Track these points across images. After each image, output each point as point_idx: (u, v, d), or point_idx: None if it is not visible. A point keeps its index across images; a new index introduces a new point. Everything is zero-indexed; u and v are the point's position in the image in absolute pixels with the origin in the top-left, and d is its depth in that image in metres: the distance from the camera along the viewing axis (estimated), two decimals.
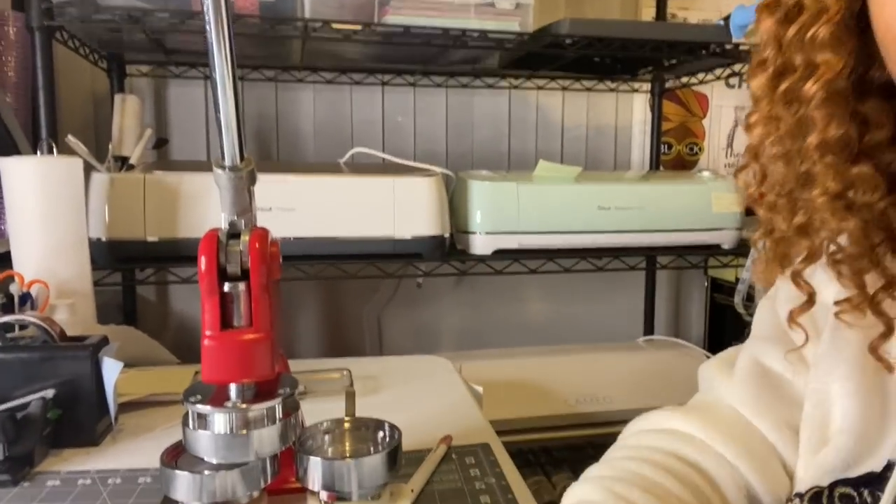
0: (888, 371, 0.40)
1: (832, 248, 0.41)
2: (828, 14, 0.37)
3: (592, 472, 0.45)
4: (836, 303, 0.41)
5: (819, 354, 0.44)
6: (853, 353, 0.42)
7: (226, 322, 0.43)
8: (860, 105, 0.38)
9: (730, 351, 0.54)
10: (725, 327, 1.58)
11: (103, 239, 0.94)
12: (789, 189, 0.41)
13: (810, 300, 0.43)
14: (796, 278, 0.43)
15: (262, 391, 0.45)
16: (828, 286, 0.43)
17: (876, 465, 0.39)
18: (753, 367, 0.48)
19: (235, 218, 0.44)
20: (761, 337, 0.50)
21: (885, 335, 0.39)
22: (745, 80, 0.43)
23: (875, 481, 0.38)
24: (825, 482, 0.38)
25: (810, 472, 0.40)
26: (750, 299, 1.21)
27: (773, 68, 0.40)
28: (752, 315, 1.25)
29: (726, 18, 1.11)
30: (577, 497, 0.42)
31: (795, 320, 0.44)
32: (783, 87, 0.39)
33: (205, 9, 0.38)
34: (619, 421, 0.60)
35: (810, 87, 0.38)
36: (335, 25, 0.98)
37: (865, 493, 0.38)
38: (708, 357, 1.30)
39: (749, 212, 1.61)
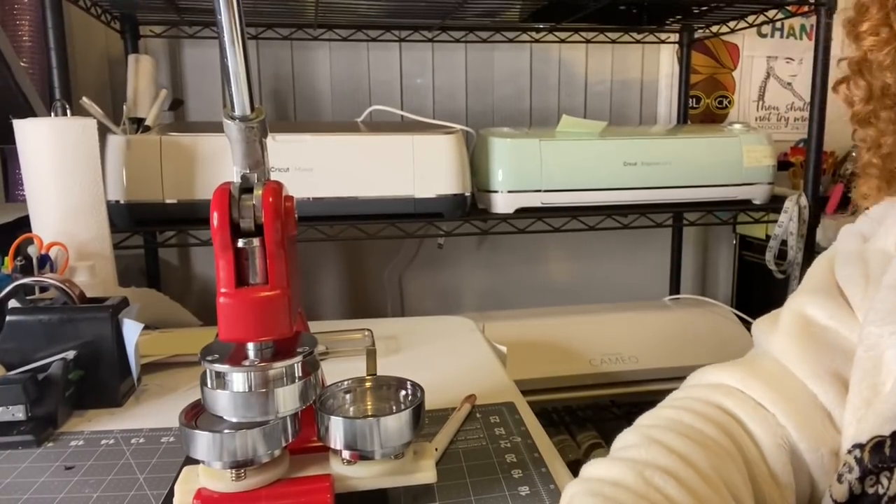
0: None
1: None
2: None
3: (639, 420, 0.46)
4: None
5: (874, 301, 0.42)
6: None
7: (241, 279, 0.42)
8: None
9: (781, 308, 0.52)
10: (754, 286, 1.54)
11: (122, 201, 0.93)
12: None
13: None
14: None
15: (280, 350, 0.44)
16: (889, 232, 0.41)
17: None
18: (796, 318, 0.47)
19: (248, 172, 0.42)
20: (809, 289, 0.49)
21: None
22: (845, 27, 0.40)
23: None
24: (886, 431, 0.36)
25: (869, 422, 0.38)
26: (782, 256, 1.17)
27: None
28: (783, 272, 1.22)
29: None
30: (620, 442, 0.42)
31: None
32: None
33: None
34: (644, 380, 0.58)
35: None
36: None
37: None
38: (737, 315, 1.28)
39: (781, 166, 1.56)
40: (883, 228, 0.43)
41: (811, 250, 1.13)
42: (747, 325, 1.27)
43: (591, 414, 1.27)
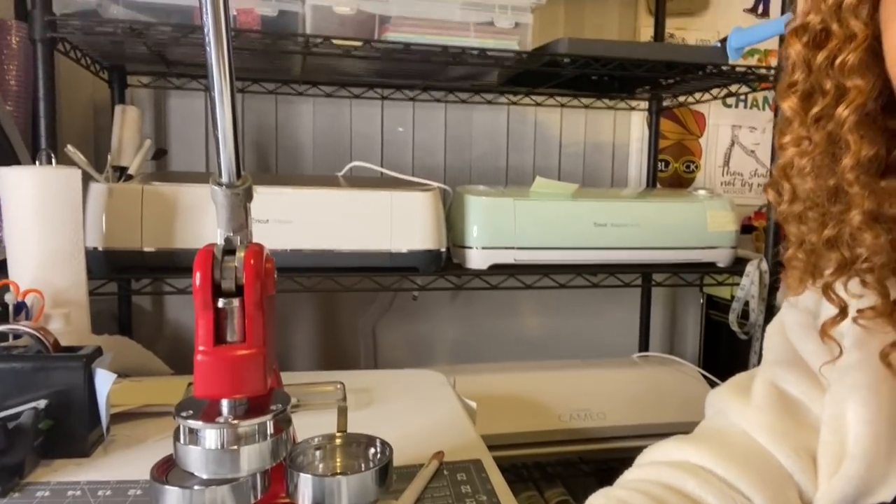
0: None
1: (860, 258, 0.42)
2: (856, 41, 0.38)
3: (591, 500, 0.45)
4: (859, 311, 0.42)
5: (835, 378, 0.44)
6: (870, 379, 0.42)
7: (219, 337, 0.43)
8: (890, 122, 0.39)
9: (740, 377, 0.53)
10: (721, 345, 1.58)
11: (100, 248, 0.94)
12: (819, 203, 0.42)
13: (843, 312, 0.43)
14: (827, 291, 0.43)
15: (254, 406, 0.45)
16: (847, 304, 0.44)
17: (887, 496, 0.39)
18: (771, 392, 0.47)
19: (231, 234, 0.45)
20: (775, 362, 0.50)
21: None
22: (777, 98, 0.44)
23: None
24: None
25: (825, 501, 0.40)
26: (745, 318, 1.21)
27: (802, 91, 0.41)
28: (746, 334, 1.26)
29: (723, 40, 1.13)
30: None
31: (828, 333, 0.44)
32: (814, 110, 0.41)
33: (205, 30, 0.39)
34: (612, 437, 0.60)
35: (842, 111, 0.39)
36: (336, 41, 0.99)
37: None
38: (703, 374, 1.31)
39: (745, 230, 1.62)
40: (825, 308, 0.46)
41: (772, 313, 1.17)
42: (713, 385, 1.30)
43: (560, 470, 1.28)
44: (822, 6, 0.39)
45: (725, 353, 1.55)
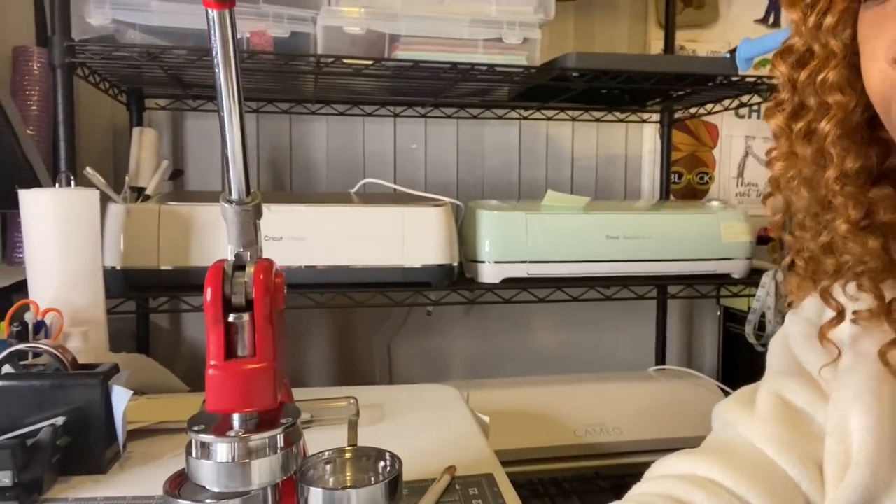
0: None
1: (855, 262, 0.43)
2: (835, 59, 0.40)
3: None
4: (855, 313, 0.43)
5: (836, 386, 0.44)
6: (872, 384, 0.42)
7: (230, 352, 0.44)
8: (880, 131, 0.41)
9: (745, 389, 0.53)
10: (739, 357, 1.56)
11: (118, 267, 0.96)
12: (814, 212, 0.44)
13: (840, 316, 0.44)
14: (825, 295, 0.45)
15: (265, 420, 0.45)
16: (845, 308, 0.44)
17: (893, 503, 0.39)
18: (776, 403, 0.47)
19: (241, 250, 0.45)
20: (779, 372, 0.50)
21: None
22: (764, 118, 0.46)
23: None
24: None
25: None
26: (762, 329, 1.20)
27: (789, 109, 0.43)
28: (763, 345, 1.24)
29: (732, 51, 1.13)
30: None
31: (827, 336, 0.45)
32: (799, 125, 0.43)
33: (213, 51, 0.40)
34: (628, 452, 0.60)
35: (825, 126, 0.41)
36: (347, 61, 1.01)
37: None
38: (721, 388, 1.29)
39: (761, 241, 1.61)
40: (826, 314, 0.46)
41: None
42: None
43: (577, 486, 1.26)
44: (803, 29, 0.42)
45: (744, 365, 1.53)
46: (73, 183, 0.88)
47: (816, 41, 0.41)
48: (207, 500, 0.43)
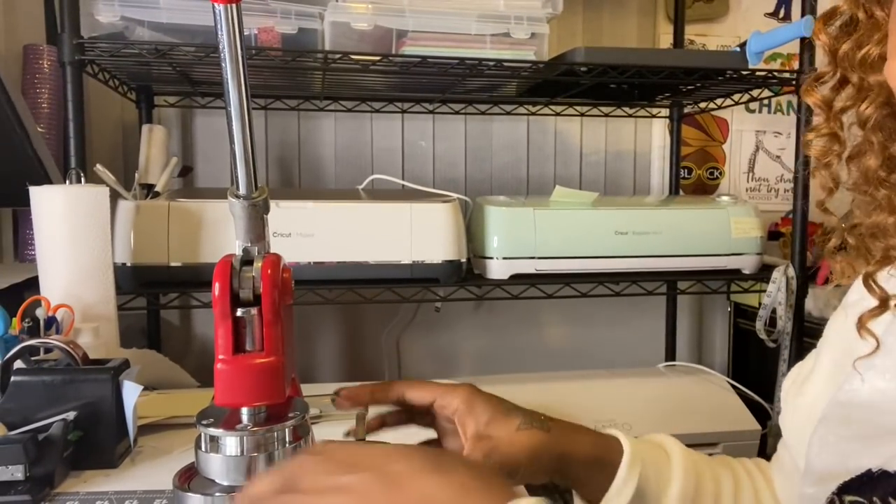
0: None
1: None
2: (880, 32, 0.36)
3: None
4: None
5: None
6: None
7: (238, 346, 0.44)
8: None
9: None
10: (749, 353, 1.55)
11: (128, 264, 0.96)
12: (864, 189, 0.41)
13: (883, 304, 0.41)
14: (868, 280, 0.41)
15: (273, 415, 0.46)
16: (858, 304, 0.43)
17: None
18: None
19: (249, 245, 0.46)
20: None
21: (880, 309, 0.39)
22: (802, 94, 0.43)
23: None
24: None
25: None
26: (773, 325, 1.19)
27: (830, 84, 0.40)
28: (774, 341, 1.23)
29: (742, 45, 1.12)
30: None
31: (866, 326, 0.42)
32: (839, 105, 0.40)
33: (220, 47, 0.40)
34: None
35: (865, 109, 0.38)
36: (354, 57, 1.01)
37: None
38: (731, 384, 1.28)
39: (771, 236, 1.59)
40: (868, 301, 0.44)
41: (801, 320, 1.15)
42: (741, 395, 1.27)
43: None
44: None
45: (755, 361, 1.52)
46: (83, 180, 0.89)
47: (860, 8, 0.37)
48: (217, 494, 0.43)
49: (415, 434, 0.74)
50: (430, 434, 0.57)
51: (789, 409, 0.50)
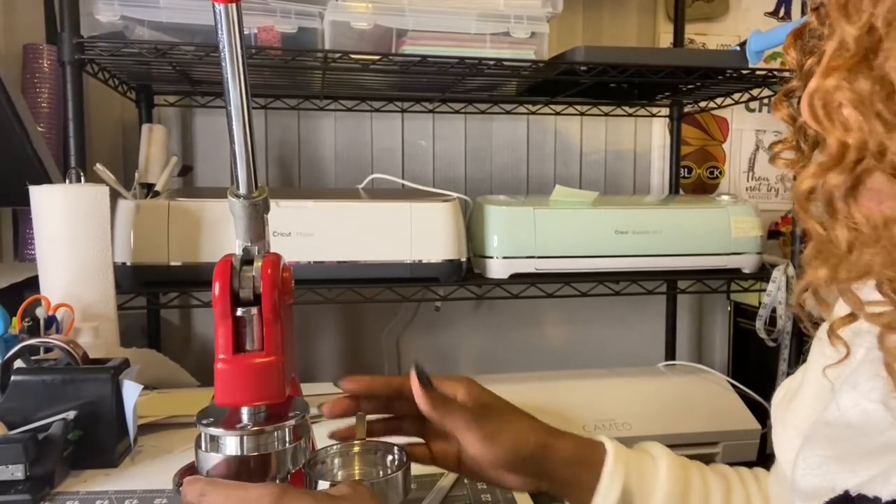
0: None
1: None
2: (849, 52, 0.35)
3: None
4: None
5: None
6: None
7: (238, 346, 0.44)
8: None
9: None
10: (749, 353, 1.55)
11: (128, 263, 0.96)
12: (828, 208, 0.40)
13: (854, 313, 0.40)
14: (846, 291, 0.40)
15: (273, 414, 0.46)
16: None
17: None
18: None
19: (249, 244, 0.46)
20: None
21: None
22: (772, 108, 0.43)
23: None
24: None
25: None
26: (773, 324, 1.19)
27: (797, 98, 0.40)
28: (774, 341, 1.23)
29: (742, 44, 1.12)
30: None
31: (836, 333, 0.42)
32: (801, 119, 0.38)
33: (220, 46, 0.40)
34: None
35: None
36: (354, 56, 1.00)
37: None
38: (731, 384, 1.28)
39: (772, 235, 1.59)
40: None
41: (800, 319, 1.15)
42: (741, 394, 1.27)
43: None
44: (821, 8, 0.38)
45: (755, 361, 1.52)
46: (83, 179, 0.89)
47: (825, 25, 0.37)
48: None
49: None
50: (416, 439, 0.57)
51: (779, 425, 0.50)
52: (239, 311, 0.44)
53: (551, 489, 0.52)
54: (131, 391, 0.66)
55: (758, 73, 1.13)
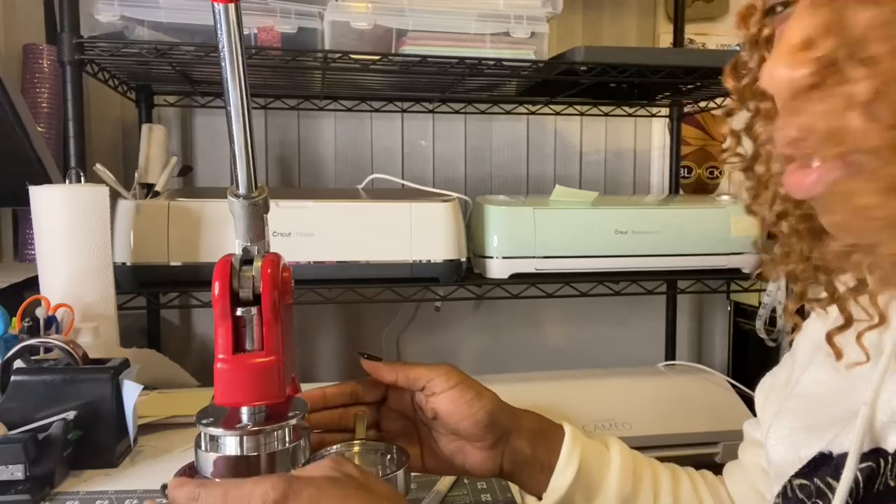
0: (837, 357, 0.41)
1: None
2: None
3: None
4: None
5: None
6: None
7: (238, 346, 0.44)
8: None
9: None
10: (749, 353, 1.55)
11: (128, 263, 0.96)
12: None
13: (849, 322, 0.41)
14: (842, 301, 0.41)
15: (273, 414, 0.46)
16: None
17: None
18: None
19: (249, 244, 0.46)
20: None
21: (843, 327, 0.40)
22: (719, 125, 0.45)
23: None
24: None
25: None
26: (773, 324, 1.19)
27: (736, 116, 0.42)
28: (774, 340, 1.23)
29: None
30: None
31: (832, 341, 0.42)
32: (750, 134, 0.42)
33: (220, 46, 0.40)
34: (638, 447, 0.60)
35: (757, 130, 0.40)
36: (354, 56, 1.00)
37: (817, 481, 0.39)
38: (731, 384, 1.29)
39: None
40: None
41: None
42: (741, 394, 1.27)
43: None
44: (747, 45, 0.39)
45: (755, 361, 1.52)
46: (83, 179, 0.89)
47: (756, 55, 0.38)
48: None
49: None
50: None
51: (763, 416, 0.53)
52: (239, 311, 0.44)
53: (510, 467, 0.53)
54: (131, 391, 0.66)
55: None
